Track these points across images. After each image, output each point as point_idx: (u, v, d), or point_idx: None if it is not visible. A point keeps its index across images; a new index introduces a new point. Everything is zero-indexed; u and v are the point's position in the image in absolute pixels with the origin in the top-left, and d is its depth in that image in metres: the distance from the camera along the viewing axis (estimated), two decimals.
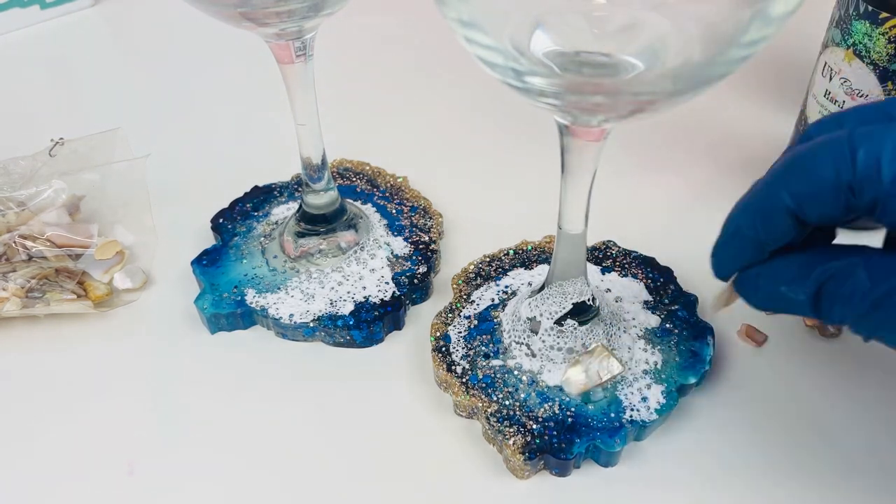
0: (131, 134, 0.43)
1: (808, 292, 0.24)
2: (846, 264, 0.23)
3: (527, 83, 0.22)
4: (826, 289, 0.23)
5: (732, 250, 0.26)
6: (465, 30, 0.22)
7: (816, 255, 0.24)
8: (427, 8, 0.28)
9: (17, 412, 0.33)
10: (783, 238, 0.24)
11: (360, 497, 0.30)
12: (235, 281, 0.36)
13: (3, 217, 0.38)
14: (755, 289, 0.26)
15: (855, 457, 0.30)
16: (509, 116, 0.49)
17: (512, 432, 0.29)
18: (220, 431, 0.32)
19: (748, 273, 0.26)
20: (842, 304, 0.23)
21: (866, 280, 0.22)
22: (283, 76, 0.33)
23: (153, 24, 0.61)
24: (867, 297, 0.22)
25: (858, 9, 0.36)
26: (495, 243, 0.38)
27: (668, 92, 0.22)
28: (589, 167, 0.28)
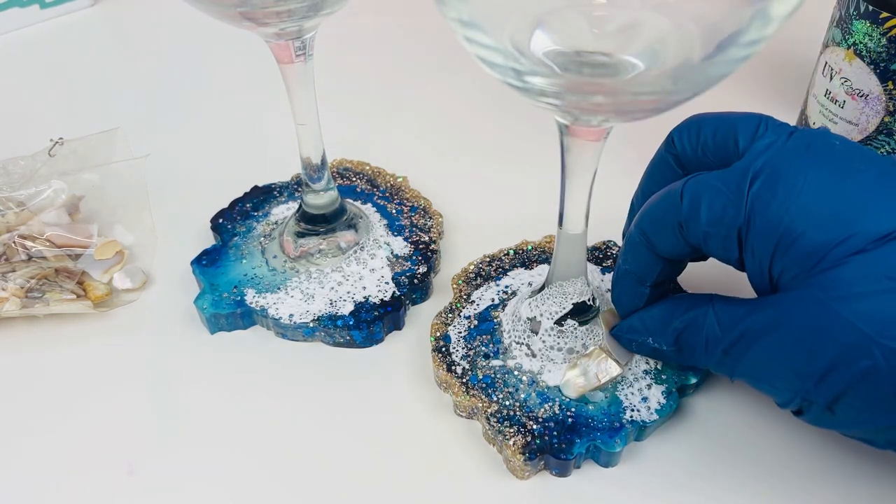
0: (131, 134, 0.43)
1: (669, 343, 0.27)
2: (697, 315, 0.26)
3: (527, 83, 0.22)
4: (683, 340, 0.27)
5: (621, 285, 0.29)
6: (465, 30, 0.22)
7: (674, 306, 0.27)
8: (427, 8, 0.28)
9: (16, 412, 0.33)
10: (654, 273, 0.28)
11: (360, 497, 0.30)
12: (235, 281, 0.36)
13: (3, 217, 0.38)
14: (628, 342, 0.30)
15: (855, 456, 0.30)
16: (509, 116, 0.48)
17: (512, 432, 0.29)
18: (219, 431, 0.32)
19: (621, 327, 0.30)
20: (699, 353, 0.26)
21: (716, 329, 0.25)
22: (283, 76, 0.33)
23: (153, 24, 0.61)
24: (718, 345, 0.25)
25: (859, 8, 0.36)
26: (495, 243, 0.38)
27: (668, 92, 0.22)
28: (589, 167, 0.28)
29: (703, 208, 0.25)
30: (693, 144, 0.28)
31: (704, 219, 0.25)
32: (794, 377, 0.24)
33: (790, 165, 0.25)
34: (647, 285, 0.28)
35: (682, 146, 0.29)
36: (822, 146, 0.25)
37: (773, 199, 0.24)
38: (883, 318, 0.22)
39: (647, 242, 0.27)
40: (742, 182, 0.25)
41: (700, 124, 0.28)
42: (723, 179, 0.25)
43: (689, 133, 0.28)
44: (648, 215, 0.27)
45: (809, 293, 0.23)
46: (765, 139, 0.26)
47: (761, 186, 0.24)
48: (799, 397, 0.24)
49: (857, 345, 0.22)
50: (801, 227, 0.24)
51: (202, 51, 0.57)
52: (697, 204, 0.25)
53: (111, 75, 0.55)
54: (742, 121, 0.27)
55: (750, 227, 0.24)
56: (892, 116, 0.37)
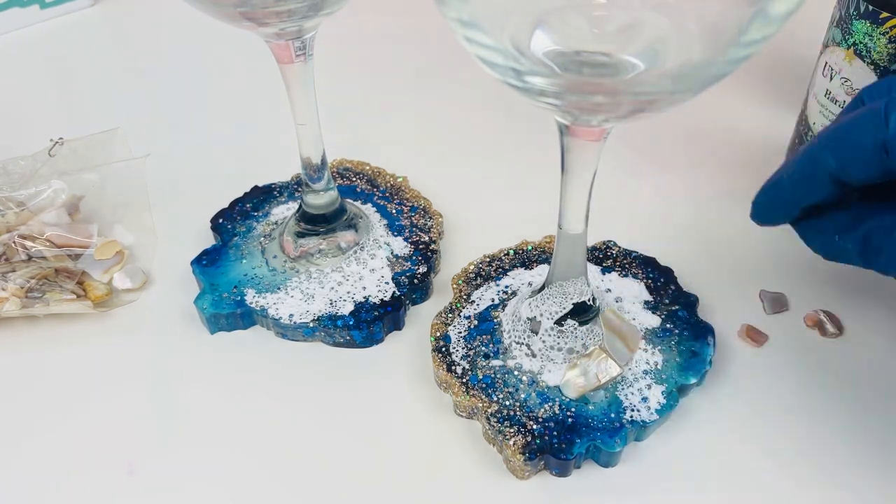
0: (131, 134, 0.43)
1: (857, 242, 0.26)
2: (892, 220, 0.25)
3: (527, 83, 0.22)
4: (872, 241, 0.26)
5: (771, 202, 0.28)
6: (465, 30, 0.22)
7: (867, 209, 0.26)
8: (427, 8, 0.28)
9: (16, 412, 0.33)
10: (818, 193, 0.26)
11: (360, 497, 0.30)
12: (235, 281, 0.36)
13: (3, 217, 0.38)
14: (814, 236, 0.28)
15: (855, 456, 0.30)
16: (509, 116, 0.48)
17: (512, 432, 0.29)
18: (219, 431, 0.32)
19: (810, 222, 0.28)
20: (885, 256, 0.25)
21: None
22: (283, 76, 0.33)
23: (153, 24, 0.61)
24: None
25: (859, 8, 0.36)
26: (495, 243, 0.38)
27: (668, 92, 0.22)
28: (589, 167, 0.28)
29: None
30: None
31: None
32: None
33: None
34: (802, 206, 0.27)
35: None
36: None
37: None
38: None
39: (831, 165, 0.25)
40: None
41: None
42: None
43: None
44: (840, 134, 0.25)
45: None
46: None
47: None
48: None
49: None
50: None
51: (202, 51, 0.57)
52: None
53: (111, 75, 0.55)
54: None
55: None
56: None
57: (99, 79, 0.55)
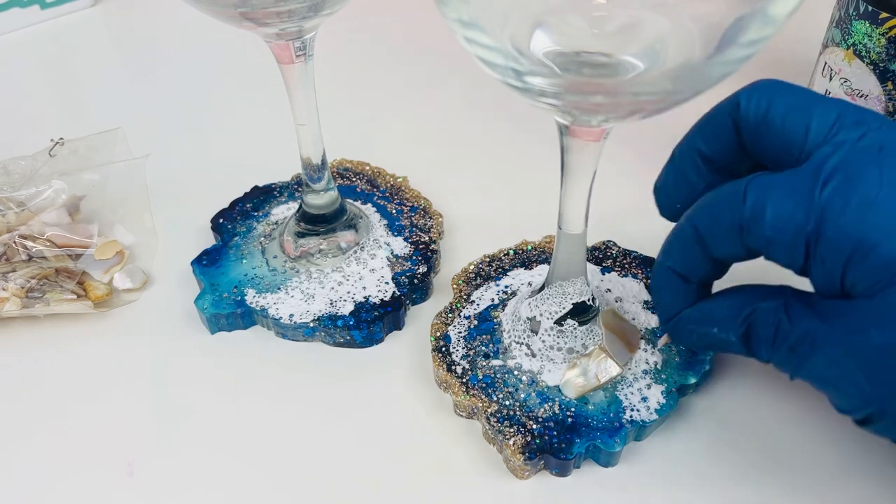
0: (131, 134, 0.43)
1: (738, 334, 0.26)
2: (771, 307, 0.25)
3: (527, 83, 0.22)
4: (753, 331, 0.26)
5: (666, 289, 0.28)
6: (465, 30, 0.22)
7: (744, 297, 0.26)
8: (427, 8, 0.28)
9: (16, 412, 0.33)
10: (702, 272, 0.27)
11: (359, 497, 0.30)
12: (235, 281, 0.36)
13: (3, 217, 0.38)
14: (688, 333, 0.28)
15: (855, 456, 0.30)
16: (509, 116, 0.49)
17: (512, 432, 0.29)
18: (220, 431, 0.32)
19: (681, 319, 0.28)
20: (766, 347, 0.25)
21: (786, 323, 0.24)
22: (283, 76, 0.33)
23: (153, 23, 0.61)
24: (786, 341, 0.24)
25: (858, 9, 0.36)
26: (495, 243, 0.38)
27: (668, 92, 0.22)
28: (589, 167, 0.28)
29: (769, 211, 0.23)
30: (759, 117, 0.25)
31: (769, 223, 0.23)
32: (869, 387, 0.23)
33: (864, 169, 0.23)
34: (692, 282, 0.27)
35: (748, 113, 0.26)
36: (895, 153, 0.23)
37: (847, 205, 0.22)
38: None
39: (700, 241, 0.26)
40: (813, 185, 0.23)
41: (772, 97, 0.25)
42: (791, 181, 0.24)
43: (759, 103, 0.25)
44: (705, 212, 0.26)
45: (889, 302, 0.22)
46: (838, 137, 0.24)
47: (834, 192, 0.23)
48: (872, 408, 0.23)
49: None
50: (877, 237, 0.22)
51: (202, 51, 0.57)
52: (762, 206, 0.24)
53: (111, 75, 0.55)
54: (819, 109, 0.25)
55: (820, 236, 0.23)
56: (892, 117, 0.37)
57: (99, 79, 0.55)
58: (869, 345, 0.22)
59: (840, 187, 0.23)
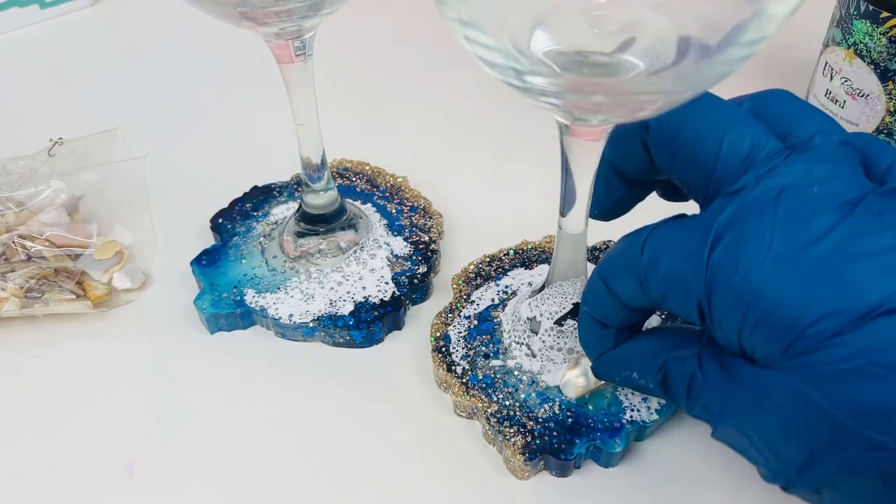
0: (131, 134, 0.43)
1: (656, 381, 0.26)
2: (683, 357, 0.24)
3: (527, 83, 0.22)
4: (669, 381, 0.25)
5: (587, 333, 0.28)
6: (465, 29, 0.22)
7: (660, 343, 0.26)
8: (427, 8, 0.28)
9: (16, 412, 0.33)
10: (618, 319, 0.26)
11: (359, 497, 0.30)
12: (235, 281, 0.36)
13: (3, 217, 0.38)
14: (611, 374, 0.28)
15: None
16: (509, 116, 0.48)
17: (512, 433, 0.29)
18: (219, 431, 0.32)
19: (602, 361, 0.28)
20: (683, 399, 0.25)
21: (700, 378, 0.24)
22: (282, 76, 0.33)
23: (153, 24, 0.61)
24: (700, 397, 0.24)
25: (859, 8, 0.36)
26: (495, 243, 0.38)
27: (668, 92, 0.22)
28: (589, 167, 0.28)
29: (662, 268, 0.23)
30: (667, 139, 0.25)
31: (663, 279, 0.23)
32: (775, 459, 0.22)
33: (756, 223, 0.22)
34: (611, 328, 0.27)
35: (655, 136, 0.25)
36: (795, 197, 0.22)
37: (736, 268, 0.21)
38: (865, 407, 0.19)
39: (609, 290, 0.26)
40: (703, 244, 0.22)
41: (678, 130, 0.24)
42: (685, 238, 0.23)
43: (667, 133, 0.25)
44: (608, 263, 0.26)
45: (786, 379, 0.21)
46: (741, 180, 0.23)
47: (723, 252, 0.22)
48: (781, 481, 0.23)
49: (838, 436, 0.20)
50: (769, 303, 0.21)
51: (202, 51, 0.57)
52: (657, 262, 0.23)
53: (111, 75, 0.55)
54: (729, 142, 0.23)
55: (712, 298, 0.22)
56: (892, 116, 0.37)
57: (99, 79, 0.55)
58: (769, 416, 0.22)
59: (729, 246, 0.22)
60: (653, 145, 0.25)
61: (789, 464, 0.22)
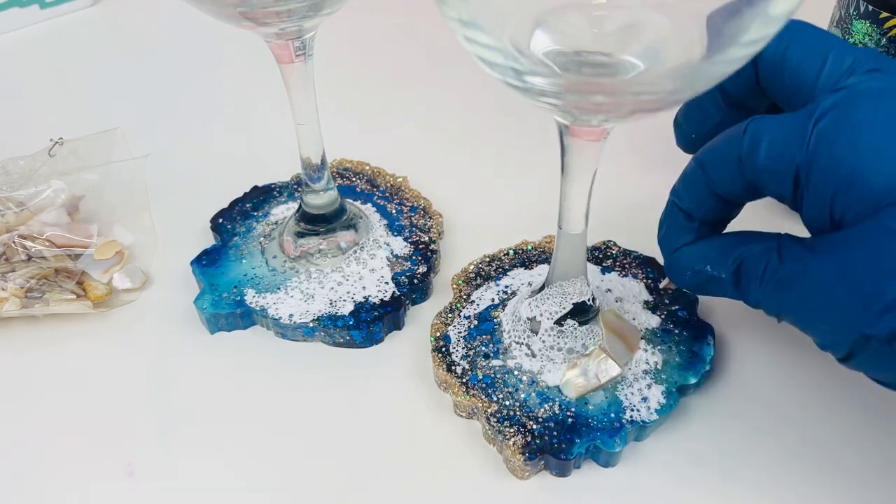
0: (131, 134, 0.43)
1: (729, 271, 0.27)
2: (763, 247, 0.26)
3: (527, 83, 0.22)
4: (743, 269, 0.26)
5: (670, 223, 0.29)
6: (465, 29, 0.22)
7: (739, 238, 0.27)
8: (427, 8, 0.28)
9: (16, 412, 0.33)
10: (705, 209, 0.28)
11: (359, 497, 0.30)
12: (235, 281, 0.36)
13: (3, 217, 0.38)
14: (682, 269, 0.29)
15: (855, 455, 0.30)
16: (509, 116, 0.48)
17: (512, 432, 0.29)
18: (219, 431, 0.32)
19: (676, 255, 0.29)
20: (755, 283, 0.26)
21: (776, 260, 0.25)
22: (282, 76, 0.33)
23: (153, 24, 0.61)
24: (774, 276, 0.25)
25: (859, 9, 0.36)
26: (495, 243, 0.38)
27: (668, 91, 0.22)
28: (589, 167, 0.28)
29: (764, 143, 0.25)
30: (776, 54, 0.27)
31: (764, 154, 0.25)
32: (856, 308, 0.23)
33: (860, 105, 0.24)
34: (695, 220, 0.28)
35: (765, 52, 0.27)
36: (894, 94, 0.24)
37: (840, 135, 0.23)
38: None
39: (705, 176, 0.27)
40: (807, 121, 0.24)
41: (792, 38, 0.27)
42: (789, 119, 0.25)
43: (779, 41, 0.27)
44: (709, 150, 0.27)
45: (879, 223, 0.23)
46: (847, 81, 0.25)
47: (828, 124, 0.24)
48: (856, 333, 0.23)
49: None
50: (868, 165, 0.23)
51: (202, 51, 0.57)
52: (759, 139, 0.25)
53: (111, 75, 0.55)
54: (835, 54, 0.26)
55: (812, 165, 0.24)
56: None
57: (99, 79, 0.55)
58: (856, 261, 0.23)
59: (834, 120, 0.24)
60: (760, 60, 0.27)
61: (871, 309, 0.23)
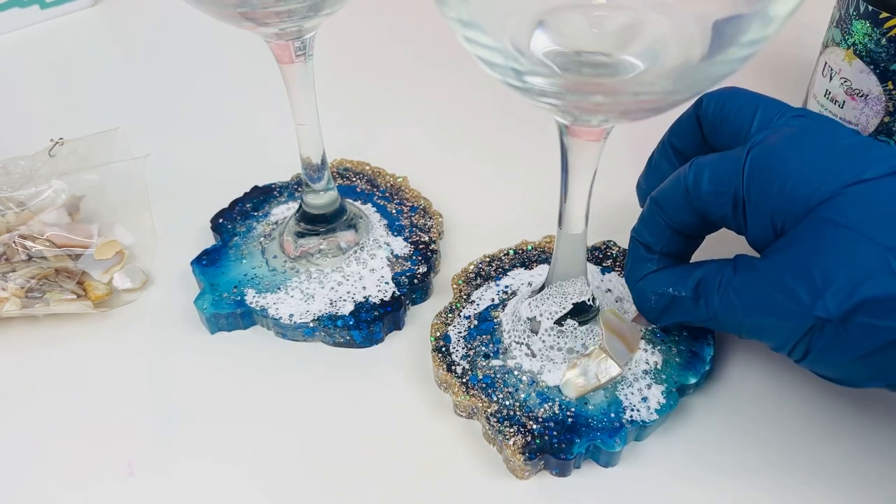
0: (131, 134, 0.43)
1: (689, 288, 0.29)
2: (719, 265, 0.29)
3: (527, 83, 0.22)
4: (702, 285, 0.29)
5: (633, 258, 0.32)
6: (465, 30, 0.22)
7: (698, 263, 0.30)
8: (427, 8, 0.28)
9: (16, 412, 0.33)
10: (662, 242, 0.31)
11: (359, 497, 0.30)
12: (235, 281, 0.36)
13: (3, 217, 0.38)
14: (646, 295, 0.31)
15: (855, 456, 0.30)
16: (509, 116, 0.49)
17: (512, 432, 0.29)
18: (219, 431, 0.32)
19: (640, 283, 0.31)
20: (714, 294, 0.28)
21: (731, 272, 0.28)
22: (283, 76, 0.33)
23: (153, 24, 0.61)
24: (730, 284, 0.28)
25: (859, 9, 0.36)
26: (495, 243, 0.38)
27: (668, 92, 0.22)
28: (589, 167, 0.28)
29: (706, 174, 0.29)
30: (716, 110, 0.31)
31: (706, 182, 0.28)
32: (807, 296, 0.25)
33: (785, 136, 0.28)
34: (655, 252, 0.31)
35: (707, 109, 0.32)
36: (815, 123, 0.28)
37: (771, 158, 0.27)
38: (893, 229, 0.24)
39: (659, 210, 0.30)
40: (741, 152, 0.28)
41: (728, 97, 0.31)
42: (726, 153, 0.29)
43: (718, 101, 0.31)
44: (661, 189, 0.31)
45: (815, 216, 0.25)
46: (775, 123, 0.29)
47: (759, 151, 0.27)
48: (809, 321, 0.25)
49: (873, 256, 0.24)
50: (797, 176, 0.26)
51: (202, 51, 0.57)
52: (701, 172, 0.29)
53: (111, 75, 0.55)
54: (764, 105, 0.30)
55: (749, 186, 0.27)
56: (892, 116, 0.37)
57: (99, 79, 0.55)
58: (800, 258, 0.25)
59: (764, 149, 0.27)
60: (703, 117, 0.32)
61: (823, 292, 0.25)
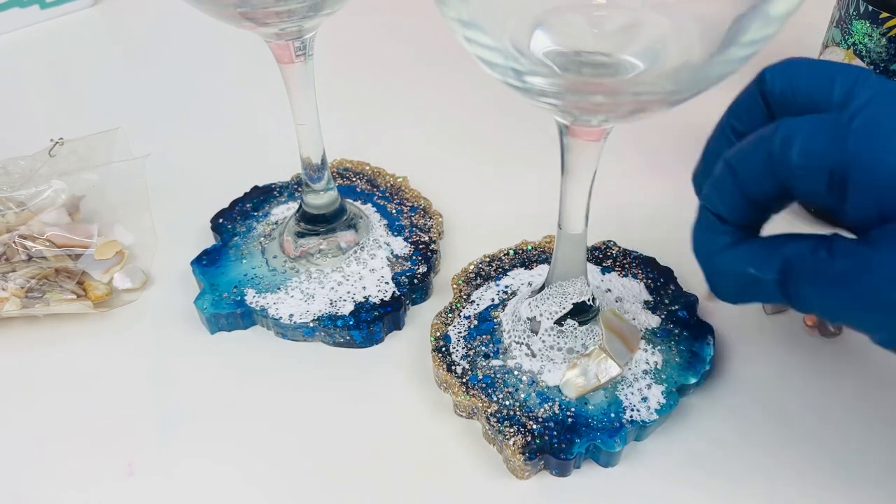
0: (131, 134, 0.43)
1: (775, 270, 0.25)
2: (811, 244, 0.24)
3: (527, 83, 0.22)
4: (790, 269, 0.24)
5: (703, 228, 0.27)
6: (465, 30, 0.22)
7: (782, 238, 0.25)
8: (427, 8, 0.28)
9: (16, 412, 0.33)
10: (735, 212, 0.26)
11: (359, 497, 0.30)
12: (235, 281, 0.36)
13: (3, 217, 0.38)
14: (724, 273, 0.27)
15: (855, 456, 0.30)
16: (509, 116, 0.48)
17: (512, 432, 0.29)
18: (219, 431, 0.32)
19: (717, 259, 0.27)
20: (806, 283, 0.24)
21: (827, 257, 0.24)
22: (283, 76, 0.33)
23: (153, 24, 0.61)
24: (828, 273, 0.24)
25: (858, 9, 0.36)
26: (495, 243, 0.38)
27: (668, 92, 0.22)
28: (589, 167, 0.28)
29: (797, 141, 0.24)
30: (784, 85, 0.27)
31: (797, 152, 0.24)
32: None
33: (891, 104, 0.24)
34: (728, 224, 0.26)
35: (773, 84, 0.27)
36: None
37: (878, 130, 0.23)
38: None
39: (733, 176, 0.26)
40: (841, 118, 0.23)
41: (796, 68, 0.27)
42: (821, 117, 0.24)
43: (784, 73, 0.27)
44: (738, 149, 0.26)
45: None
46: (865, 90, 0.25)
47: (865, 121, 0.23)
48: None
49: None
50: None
51: (202, 51, 0.57)
52: (791, 138, 0.24)
53: (111, 75, 0.55)
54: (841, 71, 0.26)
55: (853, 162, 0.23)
56: None
57: (99, 79, 0.55)
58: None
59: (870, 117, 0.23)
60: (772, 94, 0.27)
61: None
